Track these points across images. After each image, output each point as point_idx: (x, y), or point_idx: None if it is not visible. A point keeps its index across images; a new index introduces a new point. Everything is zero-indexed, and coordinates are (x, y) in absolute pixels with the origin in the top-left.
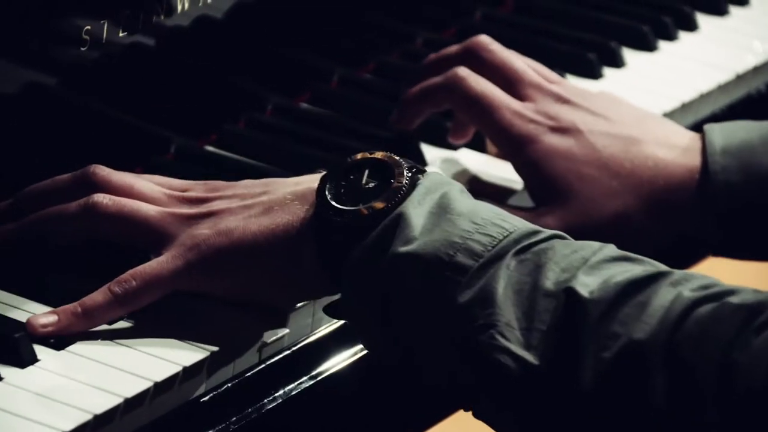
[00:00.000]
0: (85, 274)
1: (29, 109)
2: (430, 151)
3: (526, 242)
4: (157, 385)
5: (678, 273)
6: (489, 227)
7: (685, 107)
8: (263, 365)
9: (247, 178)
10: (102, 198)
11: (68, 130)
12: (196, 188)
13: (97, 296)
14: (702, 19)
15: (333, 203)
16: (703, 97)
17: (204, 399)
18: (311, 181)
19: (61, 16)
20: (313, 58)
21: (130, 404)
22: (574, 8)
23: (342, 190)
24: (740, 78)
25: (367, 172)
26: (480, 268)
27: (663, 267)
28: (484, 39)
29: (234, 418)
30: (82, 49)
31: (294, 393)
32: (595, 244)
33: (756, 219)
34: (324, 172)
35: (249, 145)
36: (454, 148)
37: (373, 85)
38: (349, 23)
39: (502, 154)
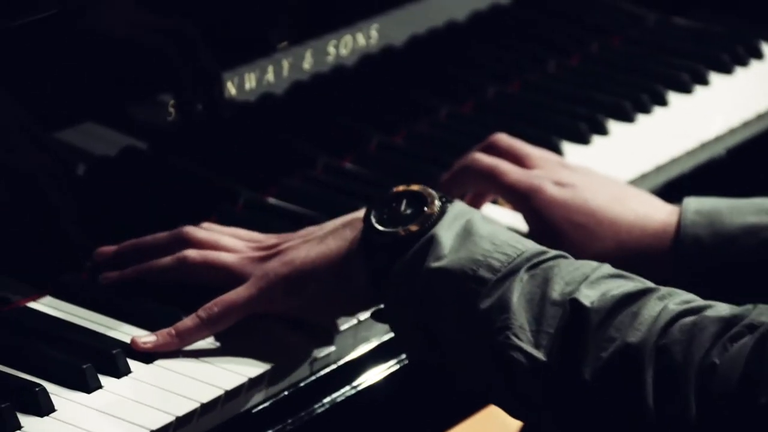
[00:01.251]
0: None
1: (126, 168)
2: None
3: (536, 260)
4: (227, 392)
5: (664, 289)
6: (505, 247)
7: (659, 168)
8: (314, 377)
9: (303, 226)
10: (191, 252)
11: (157, 185)
12: (269, 239)
13: (188, 321)
14: (672, 96)
15: (377, 226)
16: (674, 161)
17: (265, 405)
18: (358, 212)
19: (153, 92)
20: (355, 126)
21: (206, 408)
22: (569, 87)
23: (384, 216)
24: (704, 145)
25: (405, 201)
26: (498, 280)
27: (651, 284)
28: (497, 135)
29: (289, 421)
30: (168, 119)
31: (339, 400)
32: (594, 263)
33: (717, 278)
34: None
35: (304, 198)
36: None
37: (404, 149)
38: (384, 97)
39: (513, 207)
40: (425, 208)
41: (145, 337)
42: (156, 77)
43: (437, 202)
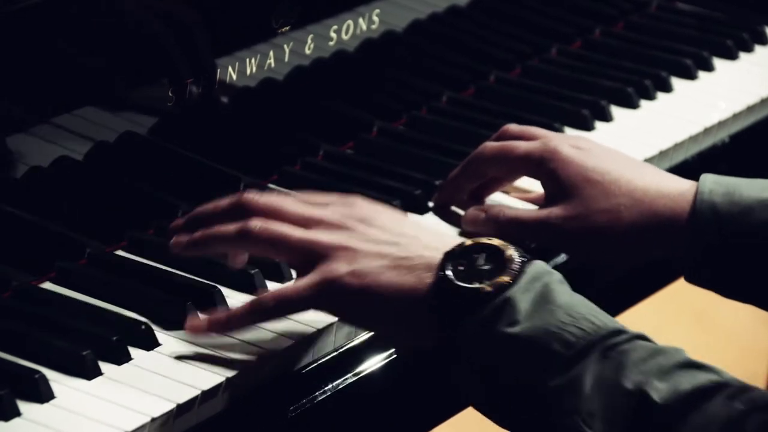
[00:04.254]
0: None
1: (125, 154)
2: None
3: (612, 341)
4: (228, 379)
5: (735, 384)
6: (582, 322)
7: (662, 154)
8: (315, 364)
9: None
10: (255, 225)
11: (156, 170)
12: (332, 208)
13: (242, 310)
14: (676, 82)
15: (454, 280)
16: (677, 146)
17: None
18: (437, 249)
19: (152, 78)
20: (356, 113)
21: (206, 395)
22: (571, 73)
23: (461, 268)
24: (707, 130)
25: (483, 255)
26: (571, 357)
27: (725, 375)
28: (507, 125)
29: (291, 408)
30: (169, 104)
31: (340, 387)
32: (670, 348)
33: (734, 247)
34: (448, 248)
35: (305, 184)
36: None
37: (405, 136)
38: (386, 84)
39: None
40: (504, 266)
41: (194, 320)
42: (156, 62)
43: (517, 261)
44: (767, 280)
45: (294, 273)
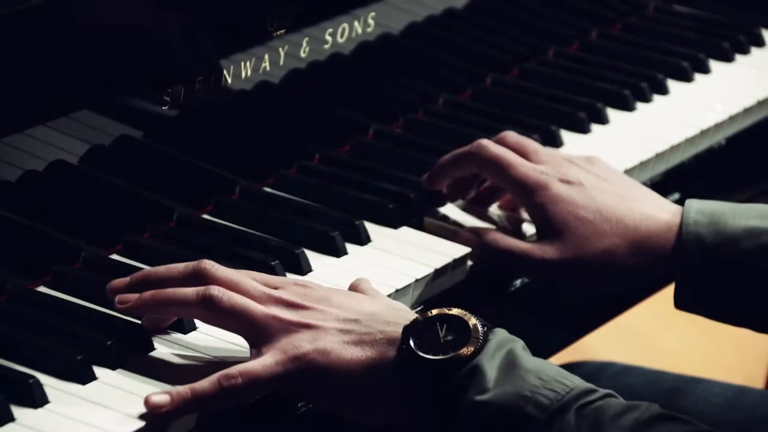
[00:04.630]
0: None
1: (121, 157)
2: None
3: (585, 399)
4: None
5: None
6: (554, 383)
7: (659, 156)
8: None
9: (301, 217)
10: (217, 292)
11: (152, 173)
12: (288, 288)
13: (206, 385)
14: (672, 84)
15: (418, 352)
16: (673, 149)
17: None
18: (397, 324)
19: (148, 81)
20: (352, 115)
21: None
22: (568, 75)
23: (424, 340)
24: (704, 133)
25: (445, 326)
26: (546, 420)
27: (700, 426)
28: (506, 132)
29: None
30: (164, 108)
31: None
32: (643, 404)
33: (718, 277)
34: (408, 322)
35: (300, 187)
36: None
37: (402, 138)
38: (382, 86)
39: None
40: (468, 336)
41: (157, 396)
42: (152, 65)
43: (480, 329)
44: (757, 306)
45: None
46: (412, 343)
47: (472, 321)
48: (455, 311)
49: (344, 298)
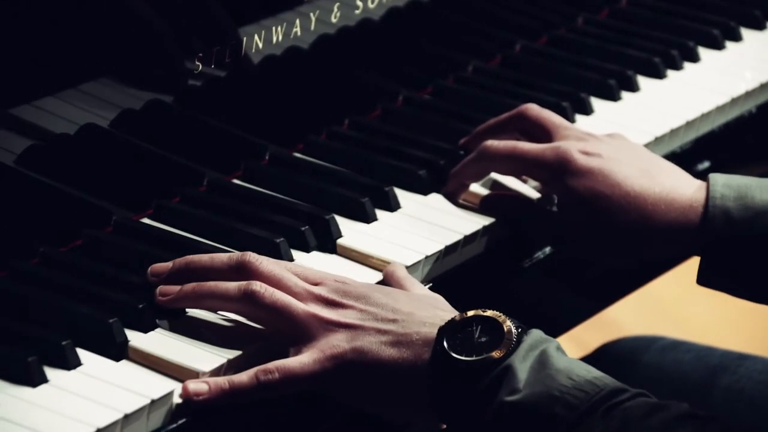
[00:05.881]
0: None
1: (151, 121)
2: None
3: (614, 400)
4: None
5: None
6: (584, 384)
7: (689, 124)
8: None
9: (330, 182)
10: (260, 288)
11: (182, 138)
12: (328, 285)
13: (244, 379)
14: (703, 52)
15: (451, 353)
16: (704, 116)
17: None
18: (434, 324)
19: (180, 46)
20: (381, 82)
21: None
22: (597, 42)
23: (458, 342)
24: (734, 101)
25: (479, 327)
26: (575, 420)
27: (728, 424)
28: (527, 105)
29: None
30: (195, 72)
31: None
32: (672, 404)
33: (745, 252)
34: (444, 323)
35: (330, 153)
36: None
37: (431, 105)
38: (411, 53)
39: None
40: (501, 337)
41: (195, 384)
42: (182, 29)
43: (513, 331)
44: None
45: None
46: (446, 344)
47: (506, 323)
48: (490, 313)
49: (382, 296)
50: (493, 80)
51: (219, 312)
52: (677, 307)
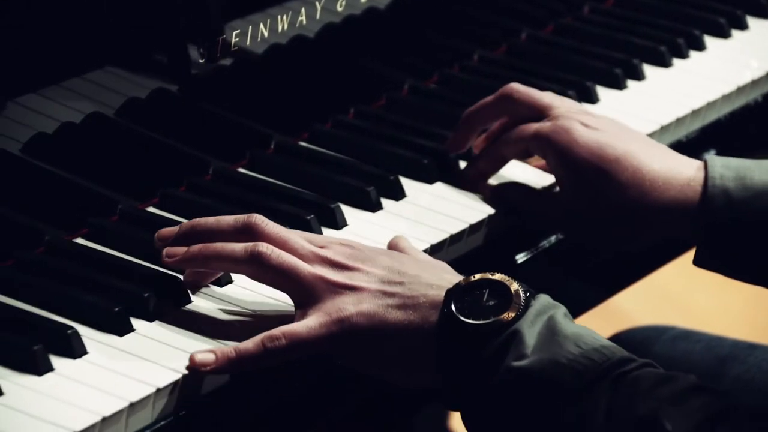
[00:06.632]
0: None
1: (156, 110)
2: None
3: (622, 369)
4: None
5: (745, 409)
6: (591, 352)
7: (695, 113)
8: None
9: (336, 171)
10: (266, 249)
11: (187, 127)
12: (334, 248)
13: (250, 346)
14: (709, 40)
15: (459, 316)
16: (710, 105)
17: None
18: (440, 287)
19: (184, 35)
20: (387, 70)
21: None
22: (603, 31)
23: (465, 305)
24: (740, 90)
25: (487, 291)
26: (582, 388)
27: (736, 401)
28: (510, 85)
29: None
30: (200, 61)
31: None
32: (680, 375)
33: (744, 232)
34: (451, 285)
35: (336, 142)
36: None
37: (436, 94)
38: (416, 41)
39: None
40: (510, 301)
41: (203, 355)
42: (187, 18)
43: (522, 294)
44: None
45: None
46: (453, 307)
47: (514, 286)
48: (497, 276)
49: (388, 259)
50: (499, 69)
51: (222, 302)
52: (683, 295)
